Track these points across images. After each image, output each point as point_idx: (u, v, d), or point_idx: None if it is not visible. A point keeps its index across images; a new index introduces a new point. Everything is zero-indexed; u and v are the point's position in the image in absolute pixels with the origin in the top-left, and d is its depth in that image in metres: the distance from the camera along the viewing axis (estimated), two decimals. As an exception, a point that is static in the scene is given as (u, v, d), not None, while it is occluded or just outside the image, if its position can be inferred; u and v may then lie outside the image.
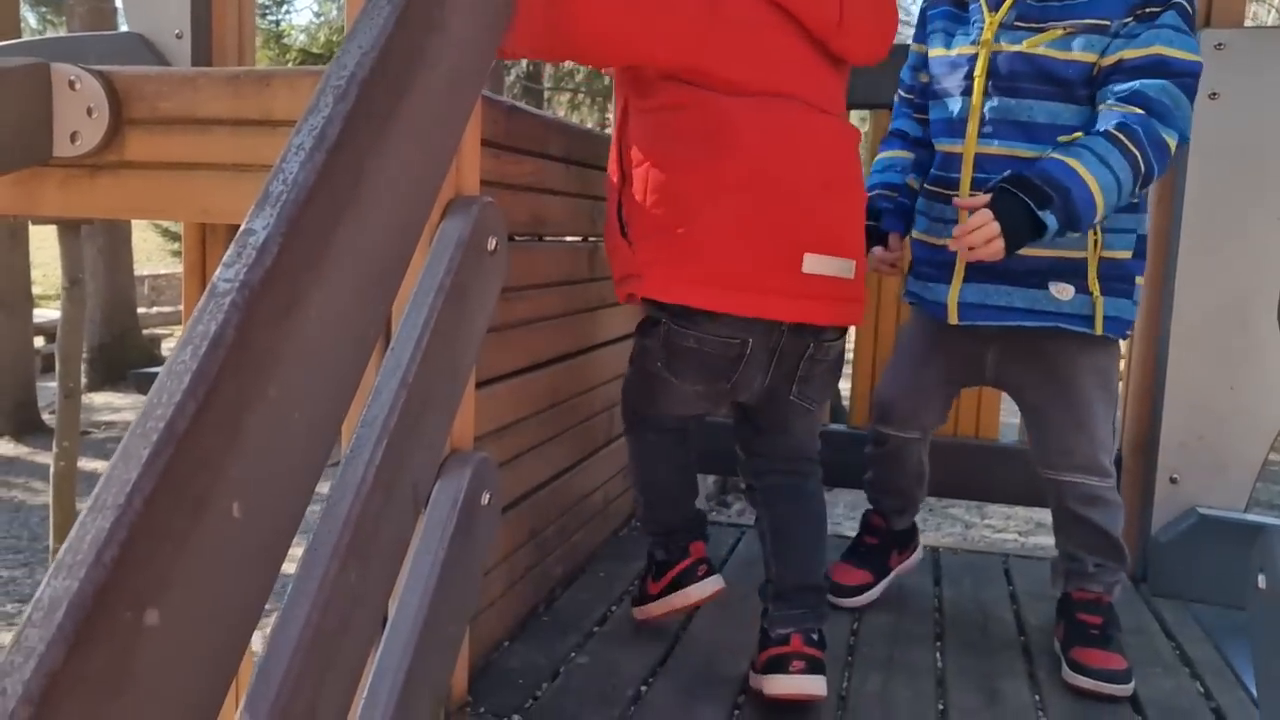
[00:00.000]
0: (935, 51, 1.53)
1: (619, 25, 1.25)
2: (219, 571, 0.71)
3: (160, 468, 0.66)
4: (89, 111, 1.22)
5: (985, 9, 1.44)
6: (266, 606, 0.77)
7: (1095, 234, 1.40)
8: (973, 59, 1.44)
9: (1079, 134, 1.33)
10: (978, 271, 1.44)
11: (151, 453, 0.66)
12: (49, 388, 9.48)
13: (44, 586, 0.61)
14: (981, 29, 1.44)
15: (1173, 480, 1.81)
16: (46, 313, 10.60)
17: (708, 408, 1.46)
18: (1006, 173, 1.32)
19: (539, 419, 1.57)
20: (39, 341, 9.53)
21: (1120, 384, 1.81)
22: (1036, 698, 1.37)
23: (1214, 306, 1.75)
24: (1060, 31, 1.38)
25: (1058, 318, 1.43)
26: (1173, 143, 1.31)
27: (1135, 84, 1.32)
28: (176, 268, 16.64)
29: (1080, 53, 1.37)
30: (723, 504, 7.23)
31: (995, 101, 1.42)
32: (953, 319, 1.48)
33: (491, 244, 1.15)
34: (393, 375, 1.00)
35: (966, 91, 1.45)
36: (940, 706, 1.33)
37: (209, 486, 0.70)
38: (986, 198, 1.30)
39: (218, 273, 0.75)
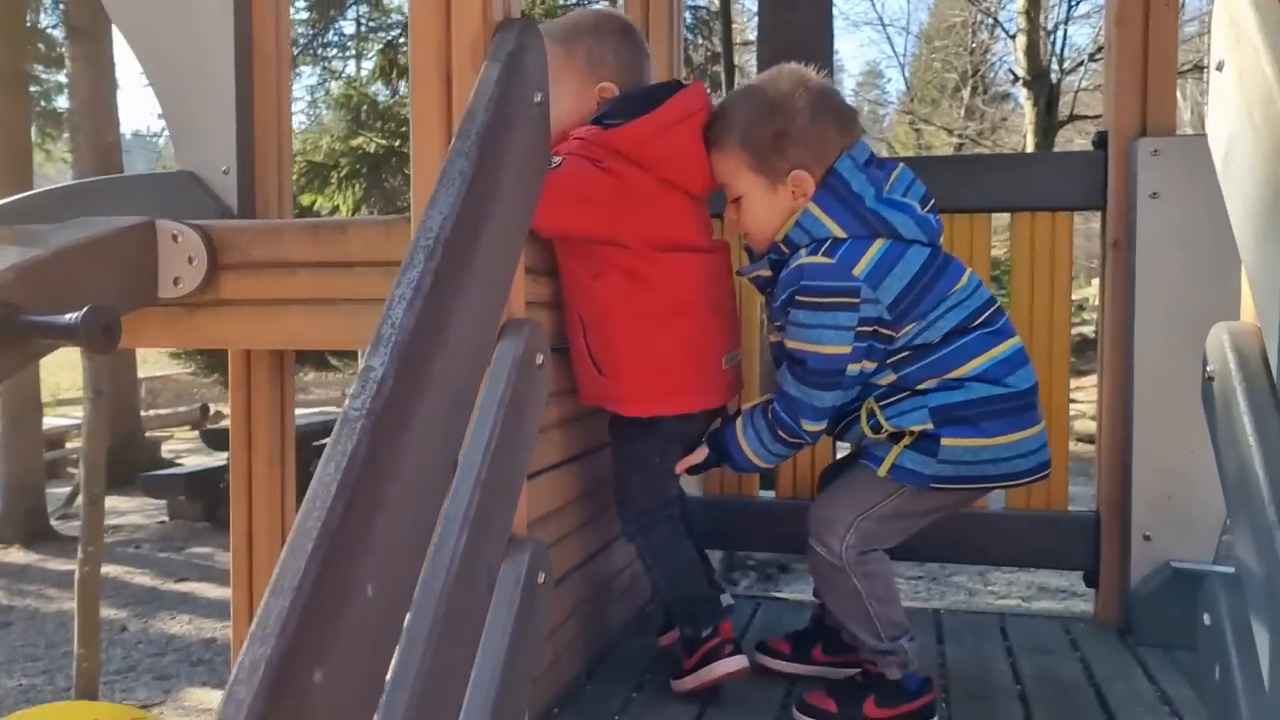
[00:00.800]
0: None
1: (559, 223, 1.60)
2: (360, 641, 0.89)
3: (320, 558, 0.85)
4: (190, 260, 1.44)
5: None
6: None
7: (880, 423, 1.55)
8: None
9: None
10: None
11: (314, 546, 0.85)
12: (55, 494, 9.62)
13: (244, 654, 0.79)
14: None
15: (1146, 538, 1.99)
16: (50, 420, 10.77)
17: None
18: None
19: (574, 506, 1.76)
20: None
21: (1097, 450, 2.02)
22: (1032, 738, 1.53)
23: (1170, 381, 1.95)
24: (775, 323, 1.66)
25: (865, 455, 1.61)
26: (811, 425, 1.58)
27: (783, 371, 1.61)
28: (172, 369, 16.89)
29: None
30: (730, 581, 7.36)
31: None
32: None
33: (539, 359, 1.35)
34: (468, 476, 1.19)
35: None
36: (947, 749, 1.50)
37: (352, 572, 0.89)
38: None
39: (348, 403, 0.95)
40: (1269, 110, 1.00)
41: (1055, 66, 17.84)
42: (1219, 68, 1.16)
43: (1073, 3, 18.73)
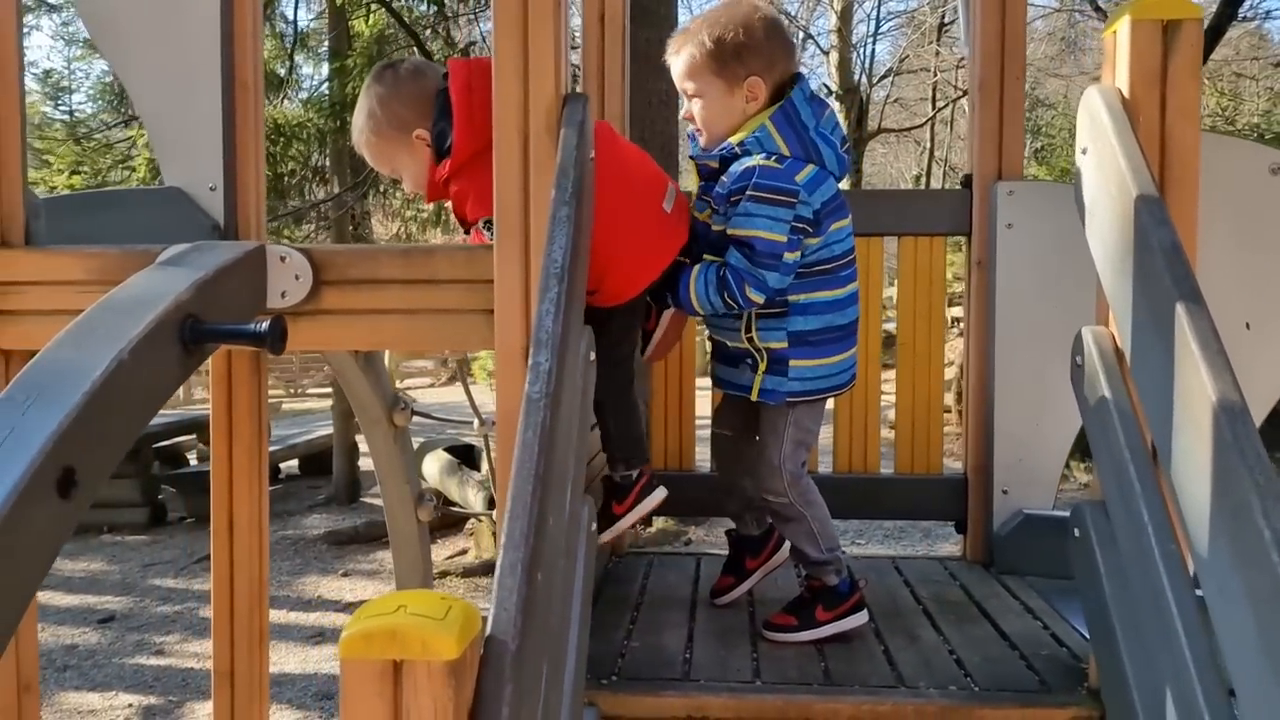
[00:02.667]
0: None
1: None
2: (553, 554, 1.28)
3: (537, 495, 1.23)
4: (296, 277, 1.75)
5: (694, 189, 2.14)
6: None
7: (751, 331, 1.98)
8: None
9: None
10: (719, 356, 2.10)
11: (532, 488, 1.23)
12: None
13: (502, 559, 1.17)
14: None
15: (1004, 492, 2.56)
16: None
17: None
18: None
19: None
20: None
21: (961, 430, 2.56)
22: (942, 638, 2.05)
23: (1022, 369, 2.53)
24: (710, 210, 2.01)
25: (739, 388, 2.05)
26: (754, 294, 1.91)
27: (732, 256, 1.92)
28: None
29: (719, 225, 1.98)
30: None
31: (705, 249, 2.06)
32: (714, 389, 2.19)
33: (592, 356, 1.75)
34: (567, 438, 1.58)
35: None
36: (883, 646, 1.99)
37: (548, 505, 1.27)
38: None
39: (529, 388, 1.33)
40: (1121, 187, 1.52)
41: (864, 81, 19.22)
42: (1084, 151, 1.68)
43: (878, 21, 20.26)
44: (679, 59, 1.98)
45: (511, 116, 1.69)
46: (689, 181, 2.18)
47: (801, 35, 21.36)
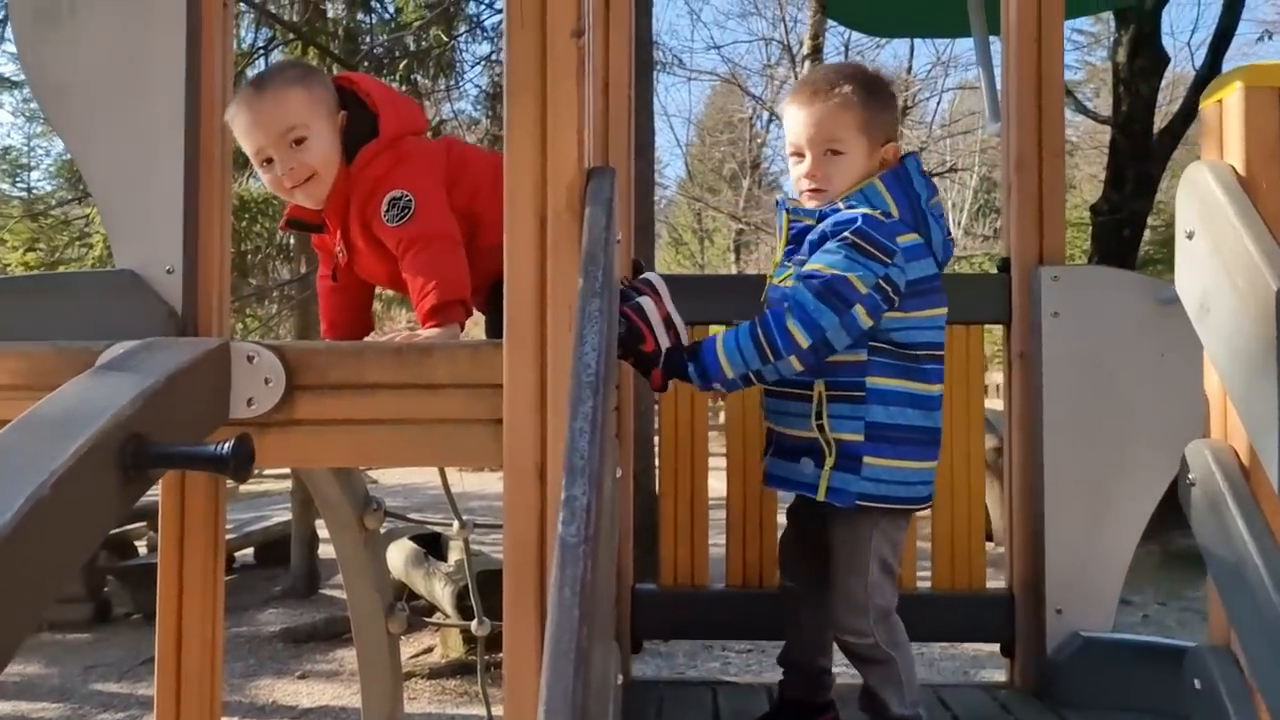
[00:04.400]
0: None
1: None
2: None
3: (577, 666, 0.95)
4: (265, 381, 1.46)
5: (778, 252, 1.91)
6: None
7: (823, 419, 1.74)
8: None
9: None
10: (775, 449, 1.85)
11: (574, 663, 0.95)
12: None
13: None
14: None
15: (1058, 611, 2.29)
16: None
17: None
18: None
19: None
20: None
21: (1005, 544, 2.31)
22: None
23: (1075, 473, 2.28)
24: (795, 268, 1.79)
25: (803, 486, 1.78)
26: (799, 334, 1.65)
27: (791, 290, 1.72)
28: None
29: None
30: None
31: None
32: (764, 483, 1.91)
33: (619, 473, 1.47)
34: (607, 586, 1.29)
35: None
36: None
37: (588, 677, 0.98)
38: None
39: (563, 529, 1.05)
40: (1253, 279, 1.29)
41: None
42: (1189, 236, 1.46)
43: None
44: (836, 108, 1.78)
45: (526, 193, 1.44)
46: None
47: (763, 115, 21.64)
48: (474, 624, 3.54)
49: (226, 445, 1.18)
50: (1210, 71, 9.05)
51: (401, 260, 1.94)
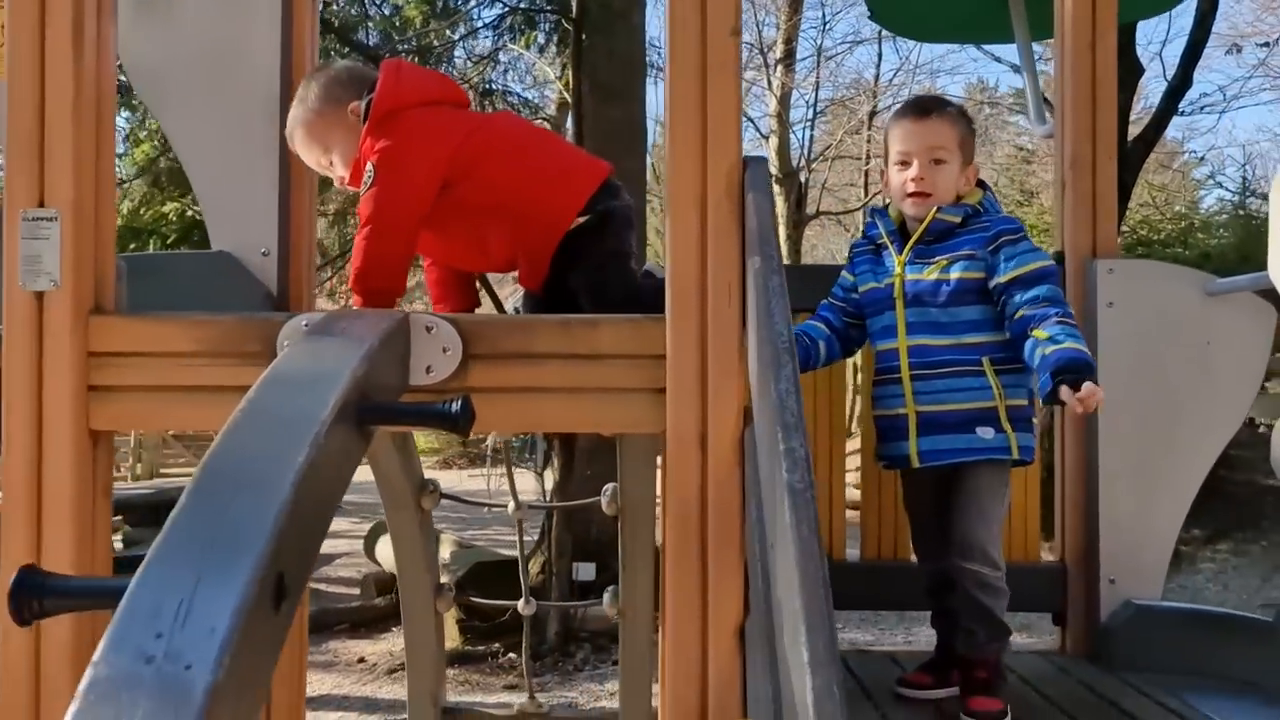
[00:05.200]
0: (866, 285, 2.13)
1: None
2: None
3: (825, 602, 1.07)
4: (444, 350, 1.57)
5: (894, 253, 2.09)
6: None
7: (999, 390, 1.96)
8: (892, 286, 2.07)
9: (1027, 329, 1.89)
10: (925, 427, 1.99)
11: (824, 598, 1.07)
12: None
13: (812, 679, 1.00)
14: (894, 267, 2.08)
15: (1111, 581, 2.45)
16: None
17: None
18: (1067, 359, 1.81)
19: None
20: None
21: (1057, 514, 2.48)
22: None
23: (1127, 451, 2.44)
24: (945, 262, 2.02)
25: (986, 452, 1.96)
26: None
27: (1040, 289, 1.92)
28: None
29: (961, 273, 2.00)
30: (567, 654, 7.49)
31: (912, 312, 2.03)
32: (915, 463, 2.01)
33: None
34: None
35: (892, 307, 2.06)
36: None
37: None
38: (1093, 387, 1.78)
39: (790, 476, 1.18)
40: (1355, 265, 1.45)
41: (804, 164, 19.68)
42: (1285, 227, 1.62)
43: (817, 109, 20.86)
44: (943, 123, 2.06)
45: (689, 180, 1.57)
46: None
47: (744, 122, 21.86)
48: (520, 603, 3.65)
49: (455, 403, 1.29)
50: (1182, 83, 9.39)
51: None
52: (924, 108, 2.09)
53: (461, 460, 18.12)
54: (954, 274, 2.00)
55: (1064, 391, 1.78)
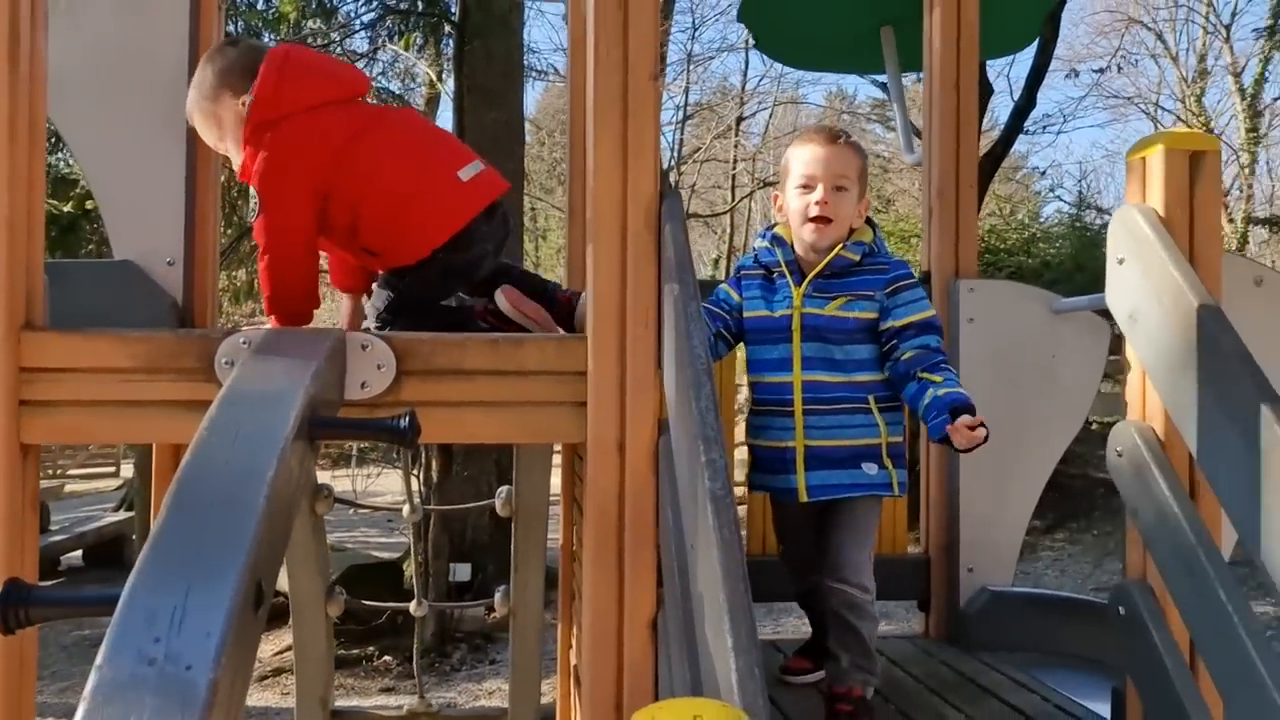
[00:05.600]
0: (756, 313, 2.13)
1: None
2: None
3: (745, 595, 1.23)
4: (378, 366, 1.66)
5: (791, 284, 2.10)
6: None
7: (884, 427, 2.06)
8: (789, 318, 2.09)
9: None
10: (814, 462, 2.03)
11: (744, 591, 1.23)
12: None
13: (736, 661, 1.16)
14: (791, 298, 2.09)
15: (969, 570, 2.72)
16: None
17: None
18: (961, 402, 1.97)
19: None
20: None
21: (922, 511, 2.72)
22: (966, 716, 2.13)
23: (984, 452, 2.70)
24: (845, 299, 2.07)
25: (870, 487, 2.04)
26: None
27: (929, 338, 2.05)
28: None
29: (859, 312, 2.07)
30: (443, 654, 7.50)
31: (809, 346, 2.07)
32: (803, 498, 2.04)
33: (678, 448, 1.75)
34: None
35: (788, 340, 2.08)
36: (920, 729, 2.05)
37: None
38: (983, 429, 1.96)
39: (712, 485, 1.33)
40: (1177, 298, 1.70)
41: (673, 166, 20.06)
42: (1120, 261, 1.87)
43: (686, 111, 21.27)
44: (848, 153, 2.09)
45: (610, 212, 1.71)
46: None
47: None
48: (412, 604, 3.71)
49: (404, 418, 1.40)
50: (1027, 103, 10.05)
51: None
52: (832, 135, 2.11)
53: (324, 461, 17.77)
54: (854, 313, 2.05)
55: (960, 421, 1.93)
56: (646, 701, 1.70)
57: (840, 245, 2.08)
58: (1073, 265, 11.55)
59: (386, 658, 7.45)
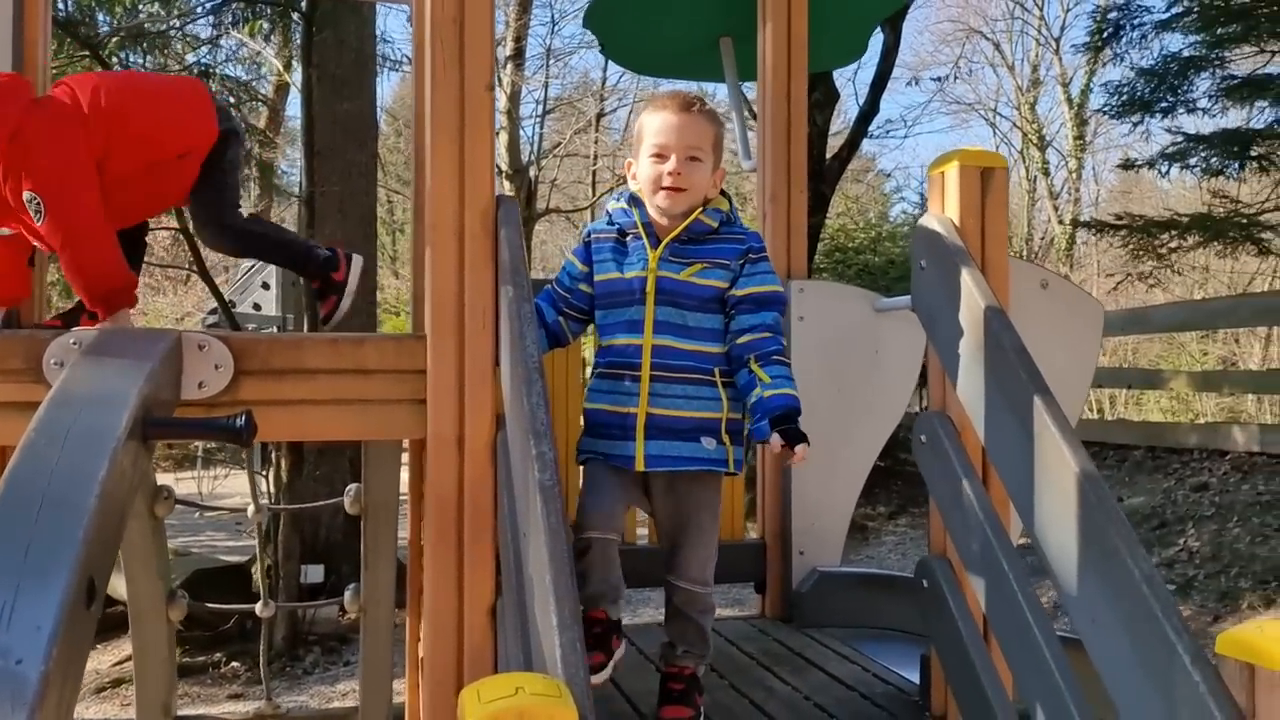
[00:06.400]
0: (608, 275, 2.03)
1: None
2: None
3: (568, 576, 1.33)
4: (215, 366, 1.68)
5: (647, 247, 2.00)
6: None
7: (726, 402, 1.98)
8: (644, 280, 1.99)
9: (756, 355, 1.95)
10: (655, 431, 1.95)
11: (568, 573, 1.33)
12: None
13: (560, 636, 1.26)
14: (646, 260, 1.99)
15: (800, 553, 2.89)
16: None
17: None
18: (783, 407, 1.93)
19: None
20: None
21: (758, 499, 2.88)
22: (791, 687, 2.29)
23: (815, 443, 2.88)
24: (700, 265, 1.99)
25: (708, 462, 1.97)
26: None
27: (767, 316, 1.98)
28: None
29: (713, 280, 1.99)
30: (295, 656, 7.35)
31: (662, 310, 1.98)
32: (640, 467, 1.95)
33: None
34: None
35: (641, 302, 1.98)
36: (747, 699, 2.20)
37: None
38: (805, 446, 1.94)
39: (540, 476, 1.42)
40: (968, 299, 1.88)
41: (533, 161, 20.05)
42: (922, 266, 2.05)
43: (546, 107, 21.28)
44: (702, 122, 1.99)
45: (448, 216, 1.77)
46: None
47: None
48: (258, 605, 3.67)
49: (240, 418, 1.43)
50: (871, 108, 10.51)
51: (50, 248, 2.17)
52: (686, 103, 1.99)
53: (166, 463, 17.03)
54: (709, 280, 1.98)
55: (774, 440, 1.90)
56: (486, 684, 1.78)
57: (699, 210, 2.01)
58: (915, 263, 12.12)
59: (234, 664, 7.24)
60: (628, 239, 2.04)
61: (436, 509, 1.76)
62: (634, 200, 2.05)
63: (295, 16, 7.82)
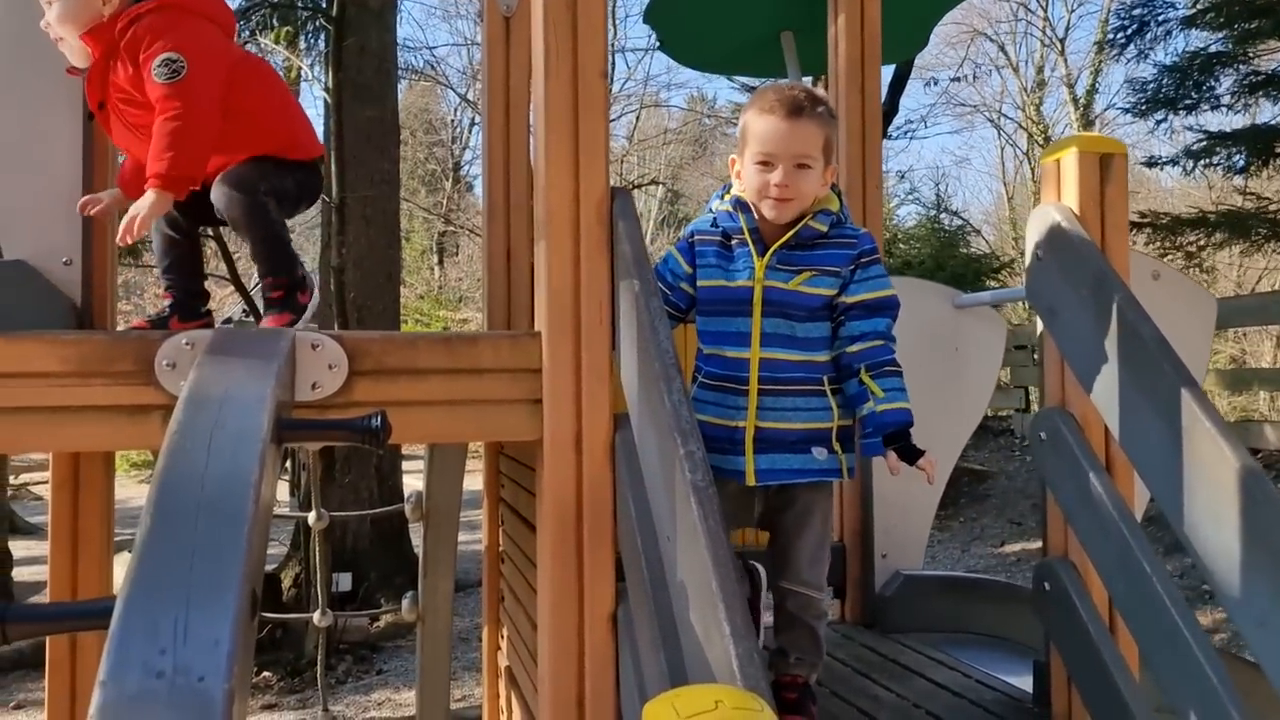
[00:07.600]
0: (712, 281, 1.93)
1: None
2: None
3: (737, 583, 1.26)
4: (330, 367, 1.61)
5: (754, 254, 1.89)
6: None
7: (836, 411, 1.90)
8: (750, 290, 1.89)
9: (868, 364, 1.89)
10: (764, 444, 1.87)
11: (736, 581, 1.26)
12: None
13: (735, 648, 1.19)
14: (753, 269, 1.89)
15: (883, 556, 2.82)
16: None
17: None
18: (898, 423, 1.88)
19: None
20: None
21: (837, 501, 2.81)
22: (896, 695, 2.22)
23: (896, 444, 2.81)
24: (810, 273, 1.90)
25: (819, 473, 1.90)
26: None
27: (879, 322, 1.92)
28: None
29: (823, 289, 1.90)
30: (328, 666, 7.27)
31: (770, 322, 1.90)
32: (751, 481, 1.87)
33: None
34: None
35: (748, 314, 1.89)
36: (857, 709, 2.12)
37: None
38: (933, 459, 1.90)
39: (693, 476, 1.35)
40: (1097, 290, 1.81)
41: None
42: (1039, 258, 1.98)
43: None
44: (812, 126, 1.86)
45: (564, 208, 1.71)
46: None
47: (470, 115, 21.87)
48: (316, 615, 3.60)
49: (375, 418, 1.36)
50: (891, 108, 10.45)
51: (156, 116, 2.10)
52: (795, 106, 1.84)
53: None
54: (819, 289, 1.90)
55: (892, 459, 1.87)
56: (609, 696, 1.71)
57: (809, 216, 1.90)
58: (933, 265, 12.05)
59: (266, 674, 7.18)
60: (733, 243, 1.94)
61: (554, 513, 1.69)
62: (740, 204, 1.93)
63: (319, 22, 7.78)
